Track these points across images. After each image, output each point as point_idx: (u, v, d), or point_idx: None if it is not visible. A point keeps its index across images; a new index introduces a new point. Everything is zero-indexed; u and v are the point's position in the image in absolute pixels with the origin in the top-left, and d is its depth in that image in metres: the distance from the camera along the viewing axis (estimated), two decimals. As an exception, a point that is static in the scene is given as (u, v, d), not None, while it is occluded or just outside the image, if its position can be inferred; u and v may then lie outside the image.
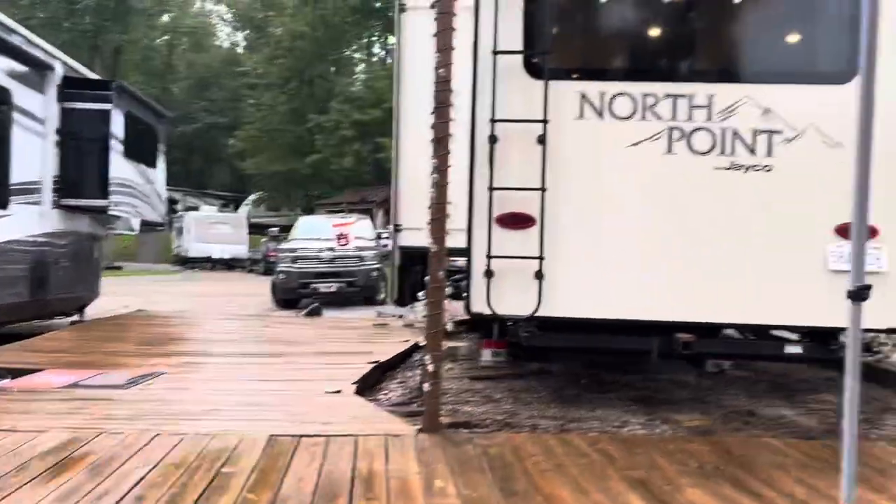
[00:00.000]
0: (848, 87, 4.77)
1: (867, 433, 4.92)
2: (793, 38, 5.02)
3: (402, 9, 5.39)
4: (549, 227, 4.73)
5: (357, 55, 38.53)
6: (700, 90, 4.76)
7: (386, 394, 5.88)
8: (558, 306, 4.80)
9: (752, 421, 5.17)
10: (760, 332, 5.26)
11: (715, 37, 5.10)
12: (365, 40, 37.61)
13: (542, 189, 4.69)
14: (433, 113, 4.40)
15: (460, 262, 5.20)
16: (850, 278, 2.76)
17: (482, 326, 5.86)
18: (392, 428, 4.33)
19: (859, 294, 2.66)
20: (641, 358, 5.43)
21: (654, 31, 5.04)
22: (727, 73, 4.92)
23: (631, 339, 4.99)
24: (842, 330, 5.83)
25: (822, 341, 5.05)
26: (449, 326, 8.42)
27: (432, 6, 4.41)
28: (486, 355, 5.55)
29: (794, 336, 5.33)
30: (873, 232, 4.68)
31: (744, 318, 4.98)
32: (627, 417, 5.18)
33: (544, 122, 4.69)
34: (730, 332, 5.72)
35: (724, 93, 4.76)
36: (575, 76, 4.91)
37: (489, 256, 4.70)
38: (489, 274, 4.73)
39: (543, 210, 4.70)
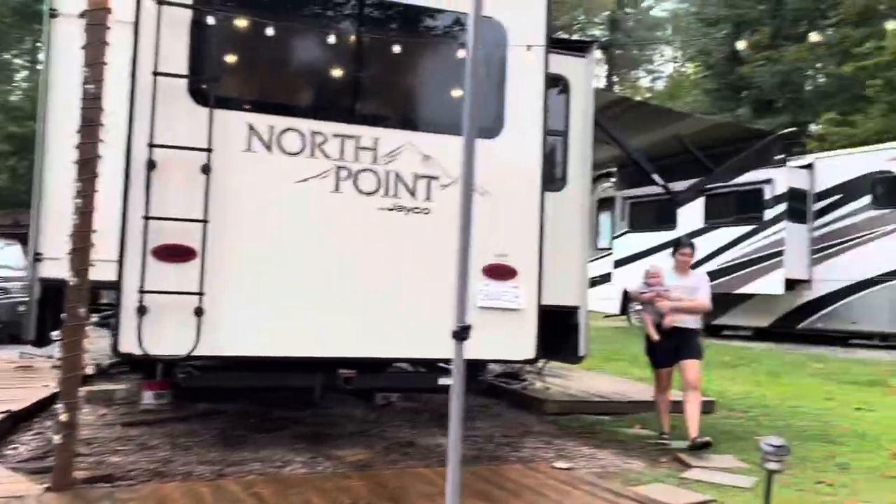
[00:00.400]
0: (496, 142, 5.31)
1: (507, 456, 5.40)
2: (451, 94, 5.43)
3: (53, 14, 4.82)
4: (212, 260, 4.51)
5: (18, 61, 34.22)
6: (366, 133, 4.93)
7: (15, 448, 5.11)
8: (219, 345, 4.58)
9: (411, 452, 5.39)
10: (431, 366, 5.49)
11: (382, 84, 5.32)
12: (28, 45, 33.58)
13: (205, 221, 4.47)
14: (79, 132, 3.98)
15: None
16: (454, 319, 3.00)
17: (143, 367, 5.40)
18: (13, 489, 3.74)
19: (461, 334, 2.91)
20: (307, 395, 5.40)
21: (326, 72, 5.11)
22: (392, 119, 5.16)
23: (295, 377, 4.94)
24: (489, 362, 6.45)
25: (472, 373, 5.45)
26: (104, 366, 7.67)
27: (81, 15, 4.01)
28: (148, 398, 5.13)
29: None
30: (513, 272, 5.22)
31: (405, 353, 5.20)
32: (291, 456, 5.09)
33: (209, 150, 4.50)
34: (404, 365, 5.96)
35: (389, 137, 4.99)
36: (244, 107, 4.79)
37: (142, 291, 4.34)
38: (142, 311, 4.36)
39: (205, 243, 4.48)
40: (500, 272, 5.20)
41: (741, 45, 19.28)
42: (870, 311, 12.76)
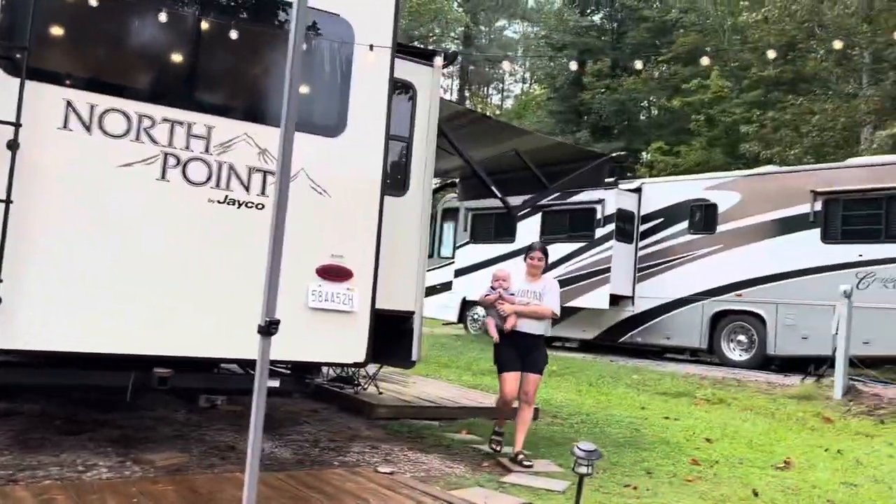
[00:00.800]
0: (337, 140, 5.23)
1: (331, 460, 5.32)
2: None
3: None
4: (14, 244, 4.12)
5: None
6: (200, 120, 4.70)
7: None
8: (18, 337, 4.18)
9: (231, 457, 5.17)
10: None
11: (221, 71, 5.10)
12: None
13: (7, 201, 4.07)
14: None
15: None
16: (262, 313, 2.91)
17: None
18: None
19: (268, 329, 2.85)
20: (119, 394, 5.05)
21: (159, 53, 4.81)
22: (229, 108, 4.95)
23: (105, 375, 4.61)
24: (318, 364, 6.34)
25: (300, 375, 5.33)
26: None
27: None
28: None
29: (283, 370, 5.54)
30: (348, 274, 5.15)
31: (231, 353, 4.98)
32: (97, 460, 4.73)
33: (17, 125, 4.10)
34: (234, 367, 5.71)
35: (224, 127, 4.78)
36: (63, 82, 4.42)
37: (-74, 275, 3.88)
38: (-74, 296, 3.90)
39: (6, 225, 4.07)
40: (334, 273, 5.12)
41: (573, 65, 20.38)
42: (682, 327, 13.79)
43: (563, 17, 32.00)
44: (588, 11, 32.40)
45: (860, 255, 11.70)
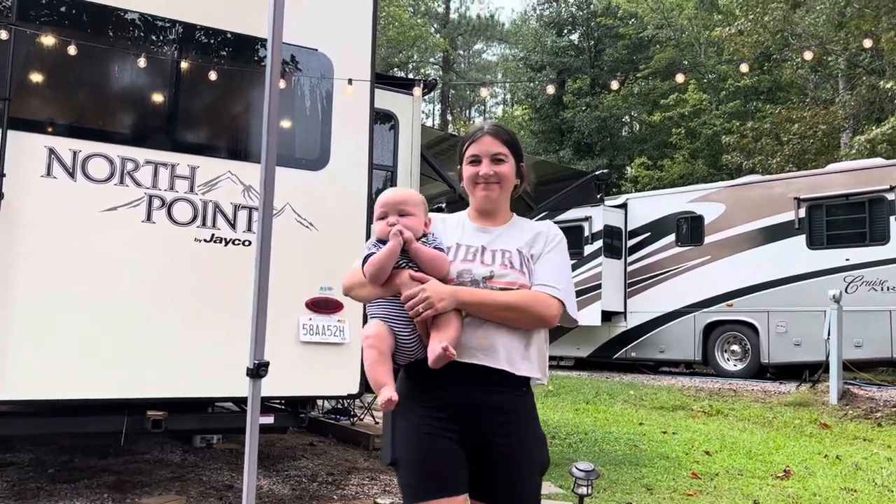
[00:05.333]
0: (321, 173, 5.26)
1: (330, 494, 5.28)
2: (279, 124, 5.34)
3: None
4: (2, 294, 4.11)
5: None
6: (183, 160, 4.72)
7: None
8: (10, 387, 4.16)
9: (229, 496, 5.13)
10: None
11: (201, 111, 5.13)
12: None
13: (-6, 251, 4.07)
14: None
15: None
16: (250, 356, 2.89)
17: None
18: None
19: (257, 371, 2.84)
20: (113, 439, 5.02)
21: (137, 94, 4.84)
22: (211, 147, 4.97)
23: (98, 421, 4.57)
24: (312, 398, 6.31)
25: (294, 409, 5.31)
26: None
27: None
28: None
29: (277, 405, 5.52)
30: (338, 306, 5.16)
31: (224, 392, 4.95)
32: (93, 508, 4.69)
33: (1, 175, 4.11)
34: (229, 405, 5.68)
35: (208, 166, 4.80)
36: (45, 129, 4.43)
37: (-86, 330, 3.86)
38: (-86, 351, 3.88)
39: (-7, 275, 4.07)
40: (324, 305, 5.12)
41: (550, 89, 20.59)
42: (676, 340, 13.83)
43: (539, 39, 32.35)
44: (564, 31, 32.79)
45: (847, 260, 11.80)
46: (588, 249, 14.35)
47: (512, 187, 2.45)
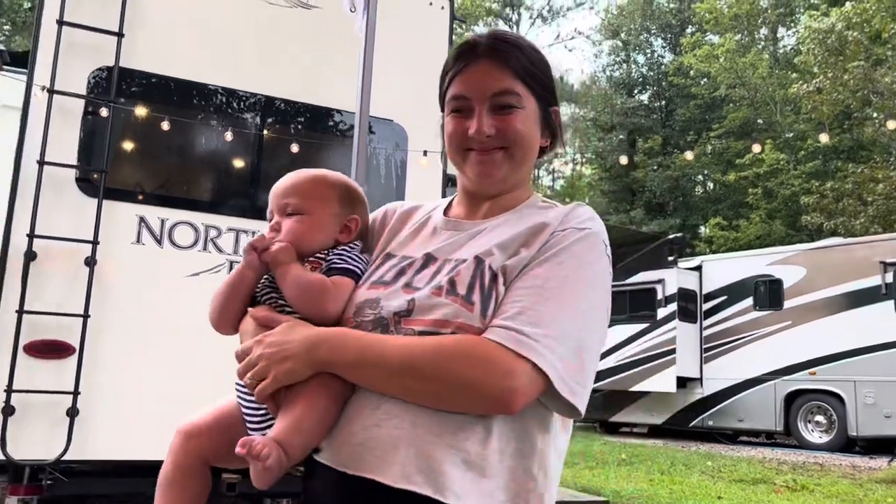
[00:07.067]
0: (394, 241, 5.35)
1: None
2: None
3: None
4: (91, 357, 4.27)
5: None
6: (263, 228, 4.86)
7: None
8: (95, 448, 4.29)
9: (298, 561, 5.12)
10: None
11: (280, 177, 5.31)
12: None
13: (86, 315, 4.26)
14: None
15: None
16: None
17: (9, 470, 4.97)
18: None
19: None
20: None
21: (222, 165, 5.07)
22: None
23: (175, 482, 4.65)
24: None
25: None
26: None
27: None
28: (11, 504, 4.67)
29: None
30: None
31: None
32: (167, 570, 4.73)
33: (94, 242, 4.33)
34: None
35: (286, 233, 4.94)
36: (135, 199, 4.67)
37: (9, 390, 4.04)
38: (8, 411, 4.05)
39: (84, 338, 4.25)
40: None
41: (623, 160, 20.54)
42: (756, 409, 13.28)
43: (609, 99, 32.47)
44: (635, 91, 32.84)
45: (939, 327, 11.21)
46: (662, 313, 14.04)
47: (535, 153, 1.42)
